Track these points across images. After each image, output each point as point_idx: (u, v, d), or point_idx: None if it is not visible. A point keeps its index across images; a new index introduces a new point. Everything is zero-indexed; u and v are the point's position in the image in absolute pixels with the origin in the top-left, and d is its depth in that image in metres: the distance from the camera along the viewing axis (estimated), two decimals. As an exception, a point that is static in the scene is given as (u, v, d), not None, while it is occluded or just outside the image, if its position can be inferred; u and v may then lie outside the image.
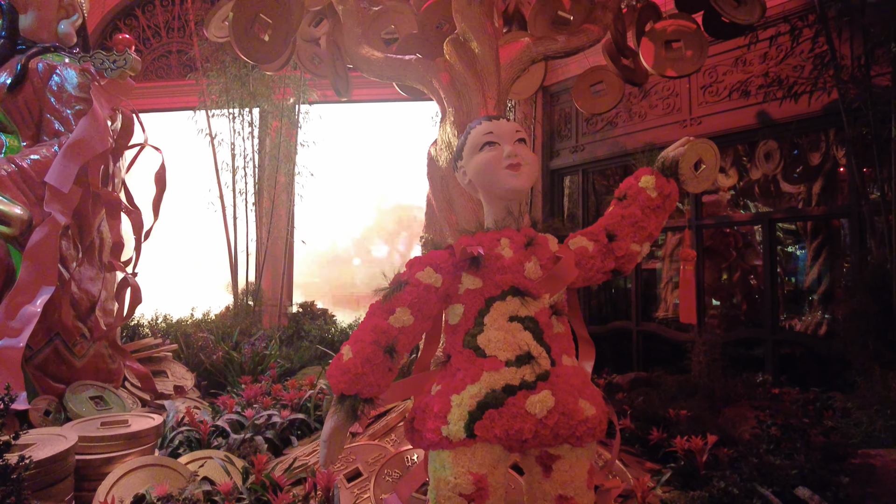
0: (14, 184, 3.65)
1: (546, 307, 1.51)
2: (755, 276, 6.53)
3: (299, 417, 3.52)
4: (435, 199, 3.13)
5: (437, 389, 1.50)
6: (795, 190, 5.88)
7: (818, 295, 5.70)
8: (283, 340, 5.64)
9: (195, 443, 3.25)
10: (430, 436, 1.44)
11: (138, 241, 4.37)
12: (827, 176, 5.42)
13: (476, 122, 1.64)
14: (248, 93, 6.49)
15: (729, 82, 4.75)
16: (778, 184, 6.02)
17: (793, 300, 6.55)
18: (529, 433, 1.39)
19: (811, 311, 5.85)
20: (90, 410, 3.54)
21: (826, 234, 5.76)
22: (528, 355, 1.45)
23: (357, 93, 4.28)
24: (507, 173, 1.53)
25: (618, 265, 1.61)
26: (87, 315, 3.97)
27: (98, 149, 3.90)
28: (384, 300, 1.50)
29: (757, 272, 6.48)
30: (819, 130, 4.81)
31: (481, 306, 1.50)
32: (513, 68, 3.25)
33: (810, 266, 5.84)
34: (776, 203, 6.14)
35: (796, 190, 5.87)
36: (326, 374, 1.47)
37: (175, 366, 4.67)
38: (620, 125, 5.65)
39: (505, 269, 1.50)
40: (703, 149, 1.64)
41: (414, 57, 3.30)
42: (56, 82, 4.03)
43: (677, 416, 3.20)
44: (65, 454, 2.48)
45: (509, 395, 1.41)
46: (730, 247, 6.87)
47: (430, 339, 1.66)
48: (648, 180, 1.61)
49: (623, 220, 1.60)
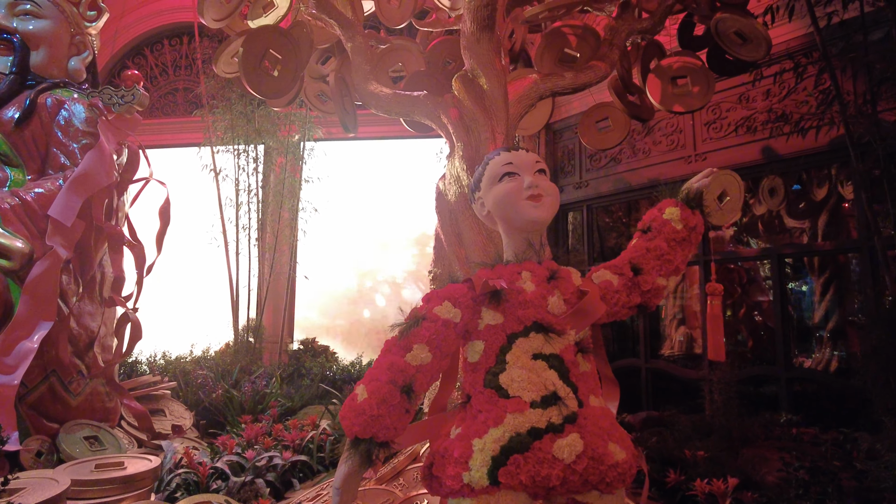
0: (17, 217, 3.61)
1: (571, 344, 1.44)
2: (760, 312, 6.45)
3: (301, 459, 3.40)
4: (444, 233, 3.09)
5: (457, 433, 1.42)
6: (800, 225, 5.86)
7: (828, 331, 5.61)
8: (284, 378, 5.51)
9: (193, 486, 3.11)
10: (451, 483, 1.35)
11: (140, 276, 4.31)
12: (832, 211, 5.41)
13: (495, 153, 1.60)
14: (253, 129, 6.53)
15: (733, 118, 4.78)
16: (782, 219, 6.01)
17: (800, 337, 6.45)
18: (557, 480, 1.30)
19: (821, 347, 5.74)
20: (84, 451, 3.41)
21: (833, 270, 5.71)
22: (554, 396, 1.37)
23: (361, 130, 4.30)
24: (528, 204, 1.48)
25: (644, 300, 1.55)
26: (86, 351, 3.88)
27: (103, 182, 3.89)
28: (400, 336, 1.43)
29: (762, 308, 6.40)
30: (825, 166, 4.82)
31: (503, 343, 1.43)
32: (521, 104, 3.26)
33: (819, 302, 5.76)
34: (779, 239, 6.11)
35: (801, 225, 5.85)
36: (339, 415, 1.38)
37: (173, 404, 4.54)
38: (624, 161, 5.66)
39: (527, 304, 1.44)
40: (727, 180, 1.61)
41: (422, 93, 3.31)
42: (64, 117, 4.04)
43: (694, 458, 3.08)
44: (56, 500, 2.36)
45: (535, 438, 1.32)
46: (734, 283, 6.81)
47: (447, 379, 1.58)
48: (673, 212, 1.56)
49: (648, 254, 1.54)
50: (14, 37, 4.09)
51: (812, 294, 6.08)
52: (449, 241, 3.06)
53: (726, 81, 4.44)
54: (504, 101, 3.11)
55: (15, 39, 4.09)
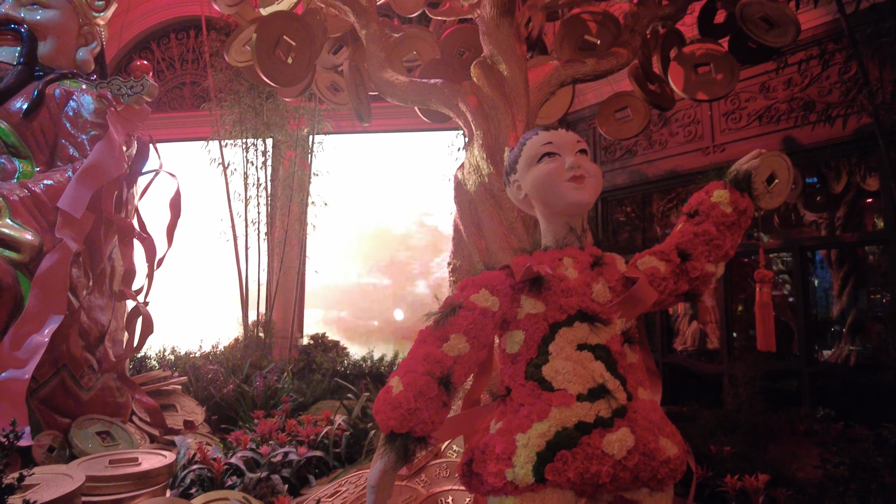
0: (26, 209, 3.55)
1: (618, 334, 1.36)
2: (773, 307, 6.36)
3: (317, 455, 3.34)
4: (463, 223, 3.01)
5: (498, 427, 1.34)
6: (817, 218, 5.76)
7: (847, 325, 5.52)
8: (295, 373, 5.45)
9: (207, 482, 3.06)
10: (493, 480, 1.27)
11: (151, 269, 4.25)
12: (850, 204, 5.31)
13: (532, 132, 1.52)
14: (262, 123, 6.46)
15: (752, 108, 4.68)
16: (798, 212, 5.90)
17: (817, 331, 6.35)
18: (607, 476, 1.23)
19: (840, 341, 5.65)
20: (96, 447, 3.36)
21: (852, 263, 5.60)
22: (602, 388, 1.29)
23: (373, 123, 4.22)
24: (570, 186, 1.40)
25: (692, 287, 1.47)
26: (96, 345, 3.83)
27: (112, 174, 3.82)
28: (436, 326, 1.35)
29: (775, 303, 6.31)
30: (849, 155, 4.71)
31: (545, 333, 1.35)
32: (541, 91, 3.17)
33: (837, 296, 5.66)
34: (796, 233, 6.00)
35: (818, 218, 5.75)
36: (373, 409, 1.31)
37: (184, 399, 4.48)
38: (640, 153, 5.57)
39: (570, 292, 1.36)
40: (776, 162, 1.53)
41: (439, 81, 3.23)
42: (72, 108, 3.98)
43: (720, 453, 3.01)
44: (71, 496, 2.30)
45: (583, 433, 1.25)
46: (748, 277, 6.72)
47: (483, 371, 1.51)
48: (722, 195, 1.48)
49: (696, 238, 1.46)
50: (21, 27, 4.02)
51: (825, 288, 5.99)
52: (468, 232, 2.98)
53: (746, 70, 4.33)
54: (525, 87, 3.03)
55: (22, 30, 4.02)
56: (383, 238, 7.76)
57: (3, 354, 3.18)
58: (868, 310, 5.33)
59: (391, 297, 7.57)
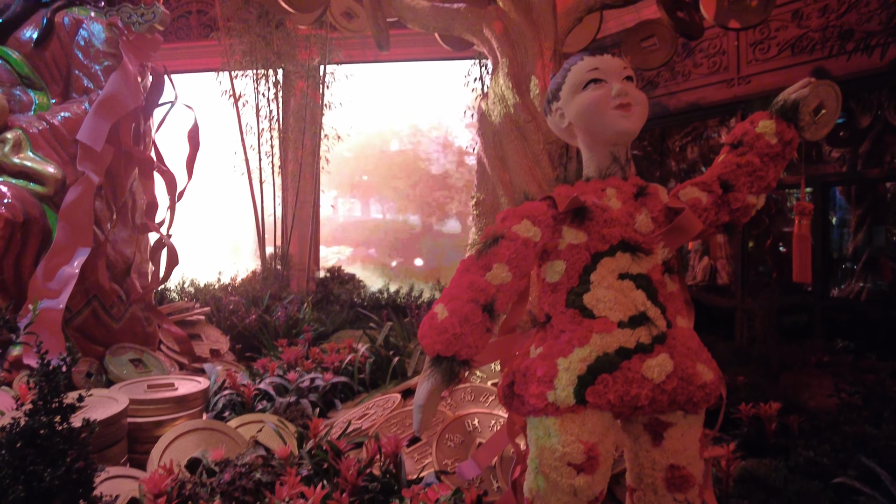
0: (46, 142, 3.54)
1: (658, 264, 1.38)
2: (784, 243, 6.36)
3: (342, 381, 3.47)
4: (486, 156, 2.99)
5: (538, 352, 1.39)
6: (839, 153, 5.65)
7: (862, 262, 5.53)
8: (314, 304, 5.58)
9: (239, 406, 3.20)
10: (534, 401, 1.34)
11: (172, 202, 4.27)
12: (874, 139, 5.19)
13: (577, 58, 1.48)
14: (272, 52, 6.29)
15: (783, 38, 4.49)
16: (820, 147, 5.79)
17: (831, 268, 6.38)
18: (646, 399, 1.28)
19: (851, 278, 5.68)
20: (131, 373, 3.50)
21: (871, 201, 5.55)
22: (643, 316, 1.33)
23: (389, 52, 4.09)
24: (617, 114, 1.38)
25: (732, 218, 1.48)
26: (123, 277, 3.91)
27: (129, 106, 3.77)
28: (478, 256, 1.37)
29: (787, 239, 6.30)
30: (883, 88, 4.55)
31: (587, 262, 1.37)
32: (569, 17, 3.06)
33: (854, 233, 5.65)
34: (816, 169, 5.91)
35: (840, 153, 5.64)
36: (419, 334, 1.35)
37: (209, 329, 4.62)
38: (662, 85, 5.41)
39: (613, 222, 1.37)
40: (825, 91, 1.49)
41: (462, 5, 3.11)
42: (83, 37, 3.88)
43: (734, 383, 3.10)
44: (118, 416, 2.43)
45: (624, 358, 1.29)
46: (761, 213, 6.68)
47: (520, 299, 1.54)
48: (767, 125, 1.46)
49: (739, 170, 1.45)
50: (24, -51, 3.86)
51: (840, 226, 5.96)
52: (492, 165, 2.96)
53: (779, -3, 4.14)
54: (552, 13, 2.92)
55: (26, -48, 3.87)
56: (419, 175, 7.62)
57: (38, 285, 3.27)
58: (885, 247, 5.32)
59: (420, 236, 7.58)
